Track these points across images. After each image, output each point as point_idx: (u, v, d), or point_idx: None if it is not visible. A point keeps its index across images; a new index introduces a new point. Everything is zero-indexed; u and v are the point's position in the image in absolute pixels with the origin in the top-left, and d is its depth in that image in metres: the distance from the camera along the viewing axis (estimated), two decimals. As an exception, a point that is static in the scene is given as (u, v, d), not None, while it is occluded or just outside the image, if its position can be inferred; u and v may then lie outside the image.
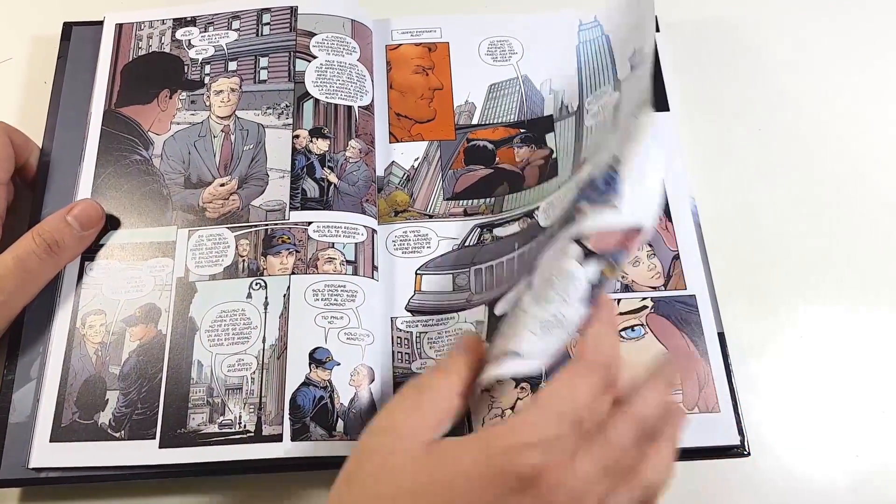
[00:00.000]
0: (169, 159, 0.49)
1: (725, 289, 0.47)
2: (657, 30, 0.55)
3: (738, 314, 0.47)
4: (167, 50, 0.52)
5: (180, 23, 0.53)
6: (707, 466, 0.43)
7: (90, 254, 0.46)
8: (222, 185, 0.48)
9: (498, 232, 0.48)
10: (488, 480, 0.31)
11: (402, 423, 0.34)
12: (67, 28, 0.54)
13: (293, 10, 0.52)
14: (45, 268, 0.43)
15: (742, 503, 0.44)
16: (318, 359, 0.43)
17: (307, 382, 0.42)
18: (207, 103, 0.50)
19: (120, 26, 0.53)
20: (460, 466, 0.32)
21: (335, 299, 0.44)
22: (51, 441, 0.41)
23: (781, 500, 0.44)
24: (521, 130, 0.52)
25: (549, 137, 0.51)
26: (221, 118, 0.50)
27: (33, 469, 0.41)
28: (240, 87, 0.51)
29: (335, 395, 0.42)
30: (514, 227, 0.48)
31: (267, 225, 0.46)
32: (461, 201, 0.49)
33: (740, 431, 0.43)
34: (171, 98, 0.50)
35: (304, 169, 0.48)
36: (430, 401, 0.35)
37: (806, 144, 0.54)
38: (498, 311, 0.44)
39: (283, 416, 0.41)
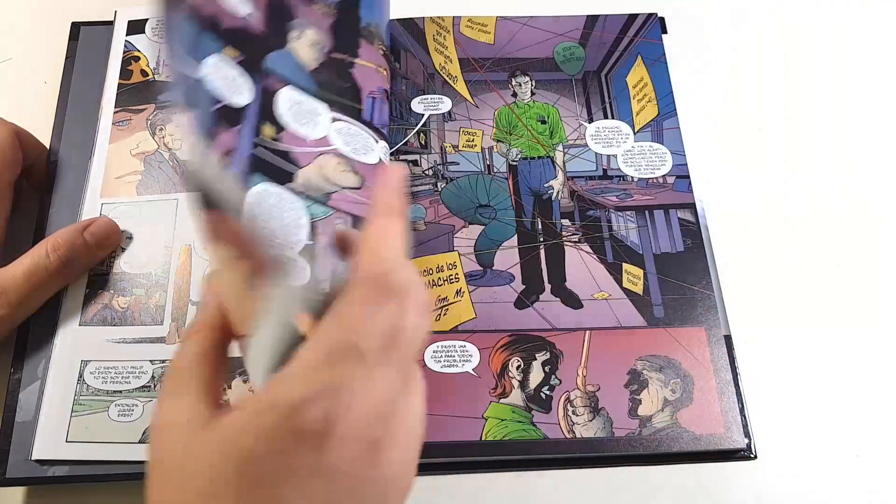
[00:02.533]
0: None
1: (733, 291, 0.47)
2: (664, 31, 0.55)
3: (745, 316, 0.47)
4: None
5: None
6: (714, 469, 0.43)
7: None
8: None
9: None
10: (274, 448, 0.26)
11: (167, 415, 0.29)
12: (76, 28, 0.54)
13: None
14: (54, 282, 0.42)
15: (749, 506, 0.44)
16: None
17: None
18: None
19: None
20: (241, 441, 0.26)
21: None
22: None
23: (788, 502, 0.44)
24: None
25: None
26: None
27: (37, 462, 0.41)
28: None
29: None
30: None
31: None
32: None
33: (747, 434, 0.43)
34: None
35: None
36: (181, 381, 0.30)
37: (811, 145, 0.54)
38: None
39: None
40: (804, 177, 0.53)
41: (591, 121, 0.52)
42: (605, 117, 0.52)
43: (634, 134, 0.51)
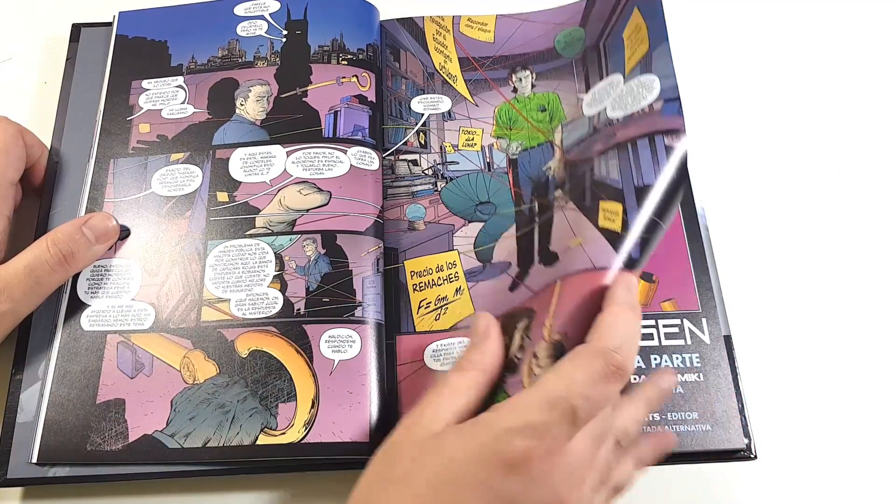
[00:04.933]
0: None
1: (733, 291, 0.47)
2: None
3: (745, 316, 0.47)
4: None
5: None
6: (714, 469, 0.43)
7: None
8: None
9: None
10: (477, 465, 0.32)
11: (419, 419, 0.35)
12: (76, 29, 0.54)
13: None
14: (55, 277, 0.42)
15: (748, 506, 0.44)
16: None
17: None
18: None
19: None
20: (454, 453, 0.33)
21: None
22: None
23: (788, 502, 0.43)
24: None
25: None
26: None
27: (37, 464, 0.41)
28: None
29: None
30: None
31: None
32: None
33: (747, 434, 0.43)
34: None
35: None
36: (447, 396, 0.36)
37: (811, 145, 0.54)
38: None
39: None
40: (804, 176, 0.53)
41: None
42: (601, 79, 0.48)
43: (625, 78, 0.45)
